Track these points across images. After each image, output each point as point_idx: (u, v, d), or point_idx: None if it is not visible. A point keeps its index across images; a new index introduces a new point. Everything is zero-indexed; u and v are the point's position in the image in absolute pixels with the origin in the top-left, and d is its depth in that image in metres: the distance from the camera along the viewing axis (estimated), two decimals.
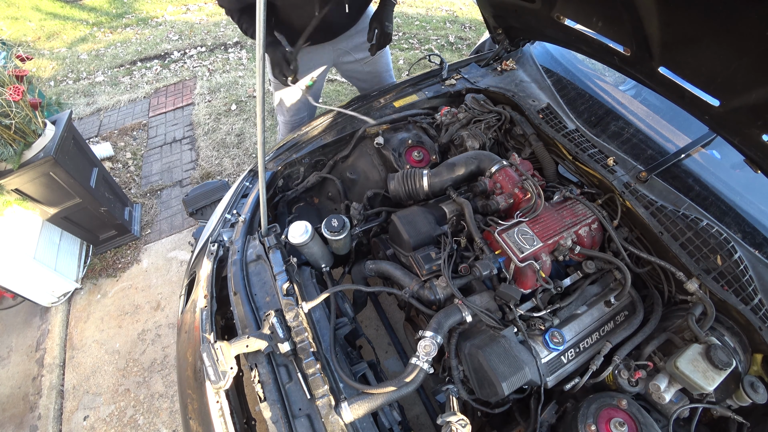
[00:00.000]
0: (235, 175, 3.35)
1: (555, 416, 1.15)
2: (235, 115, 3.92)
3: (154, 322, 2.50)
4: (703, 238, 1.23)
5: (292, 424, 1.01)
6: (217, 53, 4.91)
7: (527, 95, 1.77)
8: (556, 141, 1.55)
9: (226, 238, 1.51)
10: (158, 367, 2.30)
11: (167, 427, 2.09)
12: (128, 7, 6.17)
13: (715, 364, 1.01)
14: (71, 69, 4.89)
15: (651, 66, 1.09)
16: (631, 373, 1.12)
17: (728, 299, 1.14)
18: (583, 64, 2.01)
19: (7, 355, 2.44)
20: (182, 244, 2.90)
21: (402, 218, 1.38)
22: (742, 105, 0.94)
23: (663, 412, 1.11)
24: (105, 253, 2.87)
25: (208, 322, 1.25)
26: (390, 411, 1.11)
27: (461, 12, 5.79)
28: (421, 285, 1.27)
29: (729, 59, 0.87)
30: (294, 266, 1.32)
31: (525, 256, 1.19)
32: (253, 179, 1.76)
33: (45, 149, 2.16)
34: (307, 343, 1.11)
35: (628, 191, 1.36)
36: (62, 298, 2.62)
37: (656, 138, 1.63)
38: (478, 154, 1.53)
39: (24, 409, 2.20)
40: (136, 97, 4.32)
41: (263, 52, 0.95)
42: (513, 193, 1.40)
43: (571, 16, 1.25)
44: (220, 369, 1.00)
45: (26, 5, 6.05)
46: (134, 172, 3.51)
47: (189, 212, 2.60)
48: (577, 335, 1.20)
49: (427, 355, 1.04)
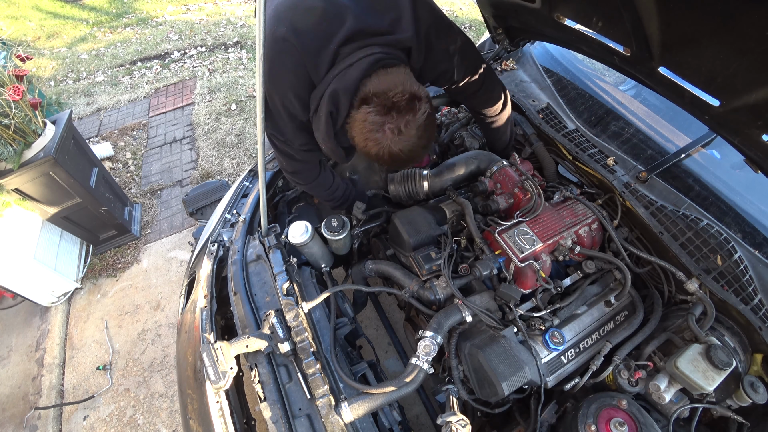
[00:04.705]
0: (235, 175, 3.35)
1: (555, 416, 1.15)
2: (235, 115, 3.92)
3: (154, 322, 2.50)
4: (703, 238, 1.23)
5: (292, 424, 1.01)
6: (217, 53, 4.91)
7: (527, 95, 1.77)
8: (556, 141, 1.55)
9: (226, 238, 1.51)
10: (158, 367, 2.30)
11: (167, 427, 2.09)
12: (128, 6, 6.17)
13: (715, 364, 1.01)
14: (71, 69, 4.89)
15: (651, 66, 1.09)
16: (631, 373, 1.12)
17: (728, 299, 1.14)
18: (583, 64, 2.01)
19: (7, 354, 2.44)
20: (182, 244, 2.90)
21: (402, 218, 1.38)
22: (742, 105, 0.94)
23: (663, 412, 1.11)
24: (105, 253, 2.87)
25: (208, 322, 1.25)
26: (390, 411, 1.11)
27: (461, 12, 5.79)
28: (421, 285, 1.27)
29: (729, 59, 0.87)
30: (294, 266, 1.32)
31: (525, 256, 1.19)
32: (253, 179, 1.76)
33: (45, 149, 2.16)
34: (307, 343, 1.11)
35: (628, 191, 1.36)
36: (62, 298, 2.62)
37: (656, 138, 1.63)
38: (478, 154, 1.53)
39: (24, 408, 2.20)
40: (136, 96, 4.32)
41: (263, 52, 0.95)
42: (513, 193, 1.40)
43: (571, 16, 1.25)
44: (220, 369, 1.00)
45: (26, 5, 6.05)
46: (134, 172, 3.51)
47: (189, 212, 2.61)
48: (577, 335, 1.20)
49: (427, 355, 1.04)
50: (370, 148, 1.03)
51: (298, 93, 1.09)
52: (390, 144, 1.01)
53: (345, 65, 1.01)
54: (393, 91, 0.98)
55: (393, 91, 0.98)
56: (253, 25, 5.25)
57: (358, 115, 1.02)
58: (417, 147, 1.04)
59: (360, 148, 1.08)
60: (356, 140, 1.07)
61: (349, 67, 1.01)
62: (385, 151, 1.02)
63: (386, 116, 0.98)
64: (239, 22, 5.50)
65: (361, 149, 1.08)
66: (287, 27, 1.02)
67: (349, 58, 1.01)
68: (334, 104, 1.04)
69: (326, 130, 1.10)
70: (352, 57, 1.01)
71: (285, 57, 1.04)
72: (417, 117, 1.00)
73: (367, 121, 1.00)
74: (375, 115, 0.99)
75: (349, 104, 1.04)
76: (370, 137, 1.01)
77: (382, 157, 1.04)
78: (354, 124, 1.04)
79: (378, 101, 0.98)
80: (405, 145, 1.02)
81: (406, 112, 0.99)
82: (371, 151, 1.04)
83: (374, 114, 0.99)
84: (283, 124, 1.18)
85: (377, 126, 0.99)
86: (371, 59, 1.01)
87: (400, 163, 1.09)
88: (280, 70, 1.07)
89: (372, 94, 0.99)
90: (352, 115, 1.04)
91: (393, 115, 0.98)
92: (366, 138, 1.02)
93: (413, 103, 0.99)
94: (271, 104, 1.14)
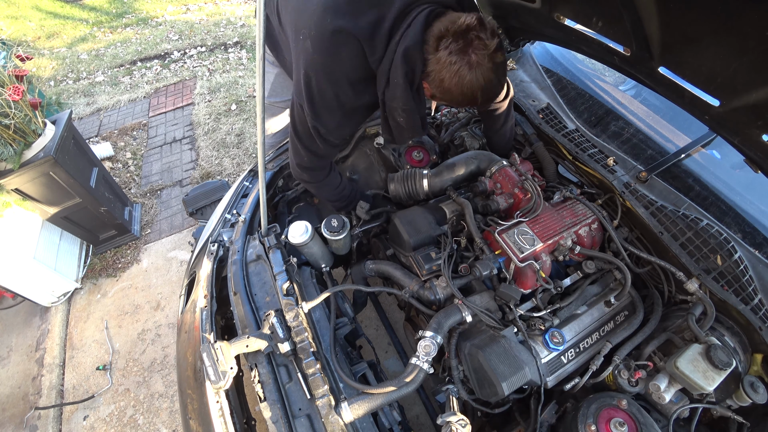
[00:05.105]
0: (235, 175, 3.35)
1: (555, 416, 1.15)
2: (235, 115, 3.92)
3: (154, 322, 2.50)
4: (703, 238, 1.23)
5: (292, 424, 1.01)
6: (217, 53, 4.90)
7: (527, 95, 1.77)
8: (556, 141, 1.55)
9: (226, 238, 1.51)
10: (158, 366, 2.30)
11: (167, 426, 2.09)
12: (128, 6, 6.17)
13: (715, 364, 1.01)
14: (71, 69, 4.89)
15: (651, 66, 1.09)
16: (631, 373, 1.12)
17: (728, 299, 1.14)
18: (583, 64, 2.01)
19: (7, 354, 2.44)
20: (182, 244, 2.90)
21: (402, 218, 1.38)
22: (742, 105, 0.94)
23: (663, 412, 1.11)
24: (105, 253, 2.87)
25: (208, 322, 1.25)
26: (390, 411, 1.11)
27: None
28: (421, 285, 1.27)
29: (729, 59, 0.87)
30: (294, 266, 1.32)
31: (525, 256, 1.19)
32: (253, 179, 1.76)
33: (45, 149, 2.16)
34: (307, 343, 1.11)
35: (628, 191, 1.36)
36: (62, 298, 2.62)
37: (656, 138, 1.63)
38: (477, 154, 1.53)
39: (24, 408, 2.20)
40: (136, 96, 4.32)
41: (263, 52, 0.95)
42: (513, 193, 1.40)
43: (571, 16, 1.25)
44: (220, 369, 1.00)
45: (26, 4, 6.05)
46: (134, 172, 3.51)
47: (189, 212, 2.61)
48: (577, 335, 1.20)
49: (427, 355, 1.04)
50: (464, 80, 1.01)
51: (354, 80, 1.11)
52: (481, 69, 1.00)
53: (403, 29, 1.03)
54: (460, 20, 0.98)
55: (460, 20, 0.98)
56: (253, 25, 5.25)
57: (440, 54, 1.01)
58: (502, 66, 1.05)
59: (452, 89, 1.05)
60: (446, 82, 1.04)
61: (408, 27, 1.03)
62: (479, 78, 1.01)
63: (465, 40, 0.98)
64: (239, 22, 5.50)
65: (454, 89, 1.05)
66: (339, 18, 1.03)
67: (405, 22, 1.03)
68: (407, 62, 1.04)
69: (404, 95, 1.08)
70: (407, 19, 1.03)
71: (341, 48, 1.06)
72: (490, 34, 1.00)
73: (452, 53, 0.99)
74: (455, 43, 0.98)
75: (422, 58, 1.04)
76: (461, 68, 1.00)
77: (476, 86, 1.03)
78: (438, 66, 1.03)
79: (452, 32, 0.98)
80: (494, 67, 1.02)
81: (481, 30, 0.98)
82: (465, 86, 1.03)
83: (454, 43, 0.98)
84: (331, 115, 1.18)
85: (462, 53, 0.99)
86: (425, 12, 1.03)
87: (492, 90, 1.08)
88: (336, 61, 1.08)
89: (444, 31, 0.99)
90: (431, 60, 1.03)
91: (471, 36, 0.98)
92: (457, 71, 1.00)
93: (482, 21, 0.99)
94: (320, 97, 1.13)
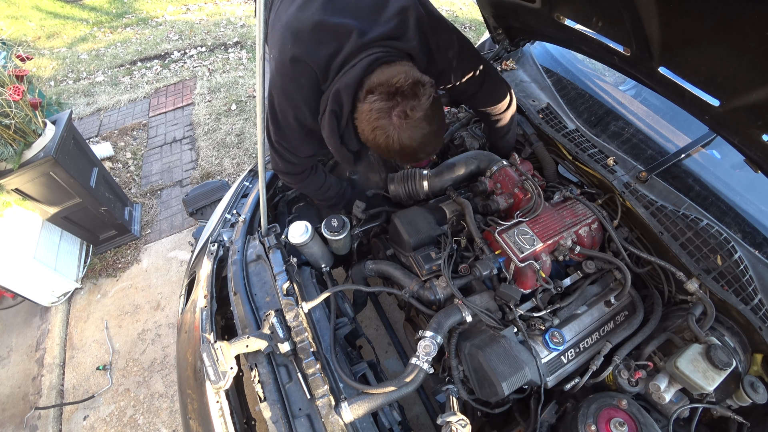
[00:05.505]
0: (235, 175, 3.35)
1: (555, 416, 1.15)
2: (235, 115, 3.92)
3: (154, 321, 2.50)
4: (703, 238, 1.23)
5: (292, 424, 1.01)
6: (217, 53, 4.90)
7: (527, 95, 1.77)
8: (556, 141, 1.55)
9: (226, 238, 1.51)
10: (158, 366, 2.30)
11: (167, 426, 2.09)
12: (128, 6, 6.17)
13: (715, 364, 1.01)
14: (71, 69, 4.89)
15: (651, 66, 1.09)
16: (631, 373, 1.12)
17: (728, 299, 1.14)
18: (583, 64, 2.01)
19: (7, 354, 2.44)
20: (182, 244, 2.90)
21: (402, 218, 1.38)
22: (742, 105, 0.94)
23: (663, 412, 1.11)
24: (105, 253, 2.87)
25: (208, 322, 1.25)
26: (390, 411, 1.11)
27: (461, 12, 5.79)
28: (421, 285, 1.27)
29: (729, 59, 0.87)
30: (294, 266, 1.32)
31: (525, 256, 1.19)
32: (253, 179, 1.76)
33: (45, 149, 2.16)
34: (307, 343, 1.11)
35: (628, 191, 1.36)
36: (62, 298, 2.62)
37: (656, 138, 1.63)
38: (478, 154, 1.53)
39: (24, 408, 2.20)
40: (136, 97, 4.32)
41: (263, 52, 0.95)
42: (513, 193, 1.40)
43: (571, 16, 1.25)
44: (220, 369, 1.00)
45: (26, 4, 6.05)
46: (134, 172, 3.51)
47: (189, 212, 2.61)
48: (577, 335, 1.20)
49: (427, 355, 1.04)
50: (379, 138, 1.03)
51: (311, 104, 1.14)
52: (399, 132, 1.01)
53: (348, 67, 1.05)
54: (395, 78, 0.99)
55: (395, 78, 0.99)
56: (253, 25, 5.25)
57: (364, 106, 1.03)
58: (428, 134, 1.04)
59: (370, 142, 1.08)
60: (365, 133, 1.07)
61: (351, 67, 1.04)
62: (395, 140, 1.02)
63: (391, 101, 0.99)
64: (239, 22, 5.50)
65: (371, 142, 1.08)
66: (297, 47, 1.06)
67: (353, 61, 1.05)
68: (336, 102, 1.06)
69: (330, 128, 1.12)
70: (355, 59, 1.05)
71: (299, 75, 1.09)
72: (422, 101, 1.00)
73: (372, 110, 1.01)
74: (380, 102, 0.99)
75: (352, 101, 1.06)
76: (378, 126, 1.01)
77: (393, 148, 1.04)
78: (361, 116, 1.05)
79: (382, 89, 0.99)
80: (414, 132, 1.02)
81: (411, 97, 0.99)
82: (380, 143, 1.04)
83: (379, 101, 0.99)
84: (292, 135, 1.22)
85: (383, 113, 1.00)
86: (372, 58, 1.04)
87: (412, 153, 1.08)
88: (294, 88, 1.11)
89: (376, 85, 1.01)
90: (358, 108, 1.06)
91: (398, 100, 0.99)
92: (374, 128, 1.02)
93: (417, 87, 0.99)
94: (282, 117, 1.17)
